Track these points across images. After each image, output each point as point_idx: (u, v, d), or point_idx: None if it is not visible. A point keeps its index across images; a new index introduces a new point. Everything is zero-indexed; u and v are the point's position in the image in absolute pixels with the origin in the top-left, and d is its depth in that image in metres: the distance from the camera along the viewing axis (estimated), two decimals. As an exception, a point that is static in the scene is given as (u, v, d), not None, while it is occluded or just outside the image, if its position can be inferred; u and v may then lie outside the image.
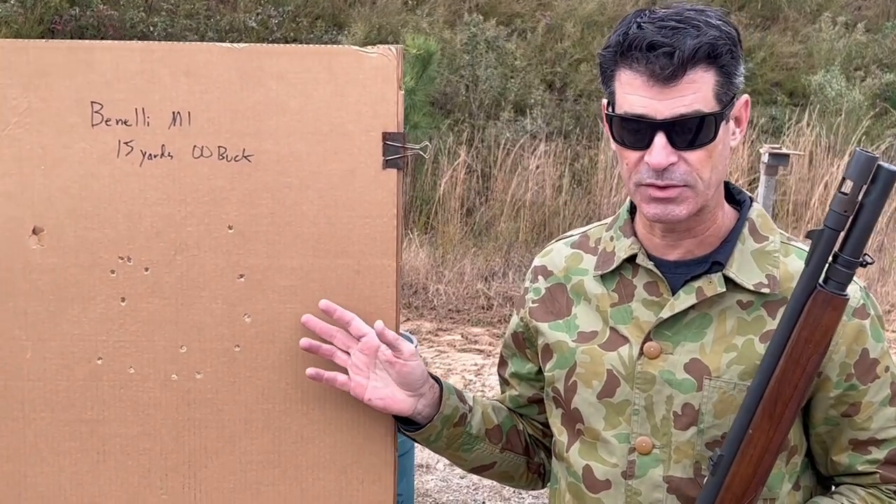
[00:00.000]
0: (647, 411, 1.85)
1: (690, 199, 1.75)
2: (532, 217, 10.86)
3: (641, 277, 1.88)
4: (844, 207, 1.57)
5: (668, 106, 1.70)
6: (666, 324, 1.84)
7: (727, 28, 1.73)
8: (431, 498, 5.49)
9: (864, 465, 1.85)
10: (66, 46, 2.04)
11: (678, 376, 1.82)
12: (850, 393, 1.82)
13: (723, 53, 1.70)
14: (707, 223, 1.84)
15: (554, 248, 2.07)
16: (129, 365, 2.12)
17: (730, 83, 1.73)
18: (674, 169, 1.73)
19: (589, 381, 1.90)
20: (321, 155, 2.08)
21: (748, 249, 1.84)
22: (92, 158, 2.06)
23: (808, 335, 1.63)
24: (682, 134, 1.71)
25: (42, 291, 2.09)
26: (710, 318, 1.83)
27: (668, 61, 1.67)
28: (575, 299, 1.96)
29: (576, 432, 1.94)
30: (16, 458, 2.13)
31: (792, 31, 15.08)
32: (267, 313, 2.11)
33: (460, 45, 12.79)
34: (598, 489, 1.90)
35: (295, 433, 2.15)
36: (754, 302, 1.83)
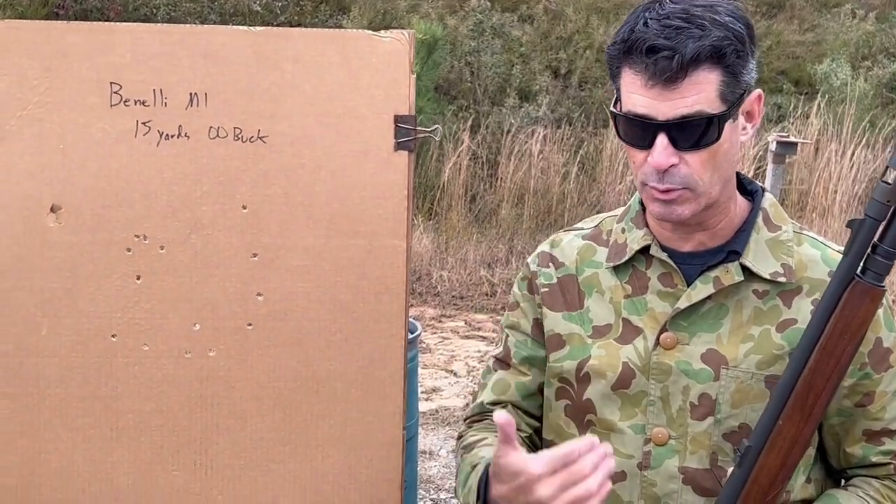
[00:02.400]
0: (663, 402, 1.83)
1: (692, 201, 1.75)
2: (536, 204, 10.87)
3: (655, 269, 1.87)
4: (888, 197, 1.54)
5: (670, 107, 1.68)
6: (682, 314, 1.83)
7: (735, 25, 1.70)
8: (434, 484, 5.51)
9: (878, 457, 1.84)
10: (86, 28, 2.08)
11: (695, 366, 1.81)
12: (864, 382, 1.81)
13: (728, 54, 1.67)
14: (718, 217, 1.82)
15: (564, 238, 2.04)
16: (143, 342, 2.15)
17: (736, 82, 1.70)
18: (674, 171, 1.72)
19: (603, 372, 1.88)
20: (334, 137, 2.11)
21: (763, 239, 1.83)
22: (110, 138, 2.09)
23: (843, 326, 1.61)
24: (685, 135, 1.69)
25: (58, 269, 2.12)
26: (726, 308, 1.82)
27: (668, 64, 1.65)
28: (587, 292, 1.94)
29: (585, 424, 1.92)
30: (30, 433, 2.16)
31: (798, 20, 15.06)
32: (279, 292, 2.14)
33: (466, 31, 12.79)
34: (614, 480, 1.81)
35: (305, 411, 2.18)
36: (770, 291, 1.82)
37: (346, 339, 2.16)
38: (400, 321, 2.16)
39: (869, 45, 14.06)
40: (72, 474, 2.17)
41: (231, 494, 2.19)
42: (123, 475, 2.18)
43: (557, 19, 13.97)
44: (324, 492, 2.19)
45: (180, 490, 2.19)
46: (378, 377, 2.17)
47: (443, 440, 6.05)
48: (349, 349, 2.16)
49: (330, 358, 2.16)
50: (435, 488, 5.46)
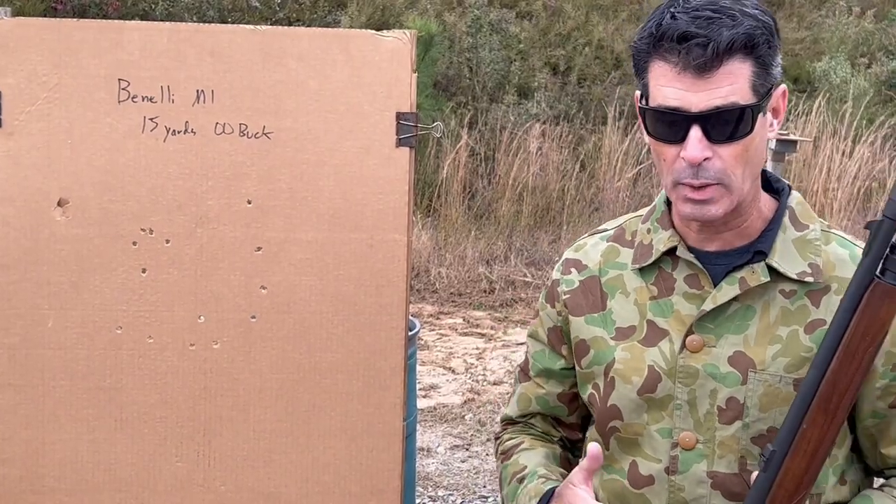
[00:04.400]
0: (690, 406, 1.80)
1: (725, 199, 1.71)
2: (535, 201, 10.87)
3: (682, 270, 1.83)
4: None
5: (704, 98, 1.64)
6: (708, 316, 1.79)
7: (764, 17, 1.67)
8: (432, 482, 5.51)
9: None
10: (96, 25, 2.11)
11: (722, 370, 1.78)
12: None
13: (760, 44, 1.64)
14: (745, 216, 1.79)
15: (588, 242, 1.99)
16: (148, 334, 2.18)
17: (767, 74, 1.67)
18: (708, 166, 1.67)
19: (629, 377, 1.84)
20: (337, 133, 2.15)
21: (790, 238, 1.80)
22: (118, 133, 2.13)
23: (865, 328, 1.58)
24: (718, 127, 1.66)
25: (65, 262, 2.15)
26: (753, 309, 1.79)
27: (702, 52, 1.62)
28: (610, 293, 1.90)
29: (608, 431, 1.89)
30: (35, 424, 2.20)
31: (798, 17, 15.07)
32: (283, 285, 2.18)
33: (464, 28, 12.80)
34: (641, 485, 1.85)
35: (307, 402, 2.21)
36: (797, 291, 1.78)
37: (348, 331, 2.19)
38: (401, 314, 2.19)
39: (868, 42, 14.07)
40: (76, 465, 2.20)
41: (234, 485, 2.22)
42: (127, 466, 2.21)
43: (556, 16, 13.97)
44: (325, 482, 2.22)
45: (183, 480, 2.22)
46: (379, 369, 2.20)
47: (441, 437, 6.07)
48: (351, 341, 2.19)
49: (332, 350, 2.19)
50: (433, 485, 5.47)
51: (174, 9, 11.80)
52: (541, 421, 2.06)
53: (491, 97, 12.37)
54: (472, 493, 5.41)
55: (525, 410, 2.05)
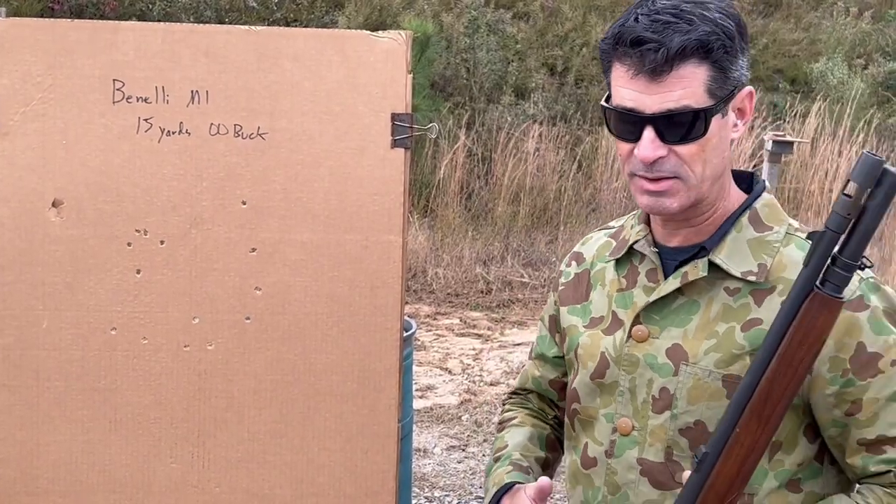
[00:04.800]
0: (631, 393, 1.86)
1: (682, 192, 1.76)
2: (532, 202, 10.88)
3: (645, 264, 1.89)
4: (847, 210, 1.53)
5: (657, 101, 1.70)
6: (655, 308, 1.85)
7: (725, 21, 1.71)
8: (429, 482, 5.51)
9: (878, 466, 1.78)
10: (90, 26, 2.11)
11: (659, 360, 1.83)
12: (849, 390, 1.77)
13: (715, 49, 1.68)
14: (706, 214, 1.83)
15: (593, 236, 2.07)
16: (142, 335, 2.18)
17: (724, 77, 1.71)
18: (663, 162, 1.73)
19: (586, 362, 1.91)
20: (333, 134, 2.14)
21: (744, 237, 1.83)
22: (112, 134, 2.13)
23: (802, 337, 1.60)
24: (671, 128, 1.71)
25: (60, 263, 2.15)
26: (698, 304, 1.83)
27: (654, 56, 1.67)
28: (594, 285, 1.98)
29: (571, 412, 1.97)
30: (29, 425, 2.19)
31: (795, 18, 15.08)
32: (277, 286, 2.17)
33: (461, 29, 12.80)
34: (588, 466, 1.92)
35: (301, 404, 2.21)
36: (741, 289, 1.81)
37: (343, 332, 2.19)
38: (395, 315, 2.19)
39: (865, 43, 14.09)
40: (70, 466, 2.20)
41: (228, 486, 2.22)
42: (121, 467, 2.21)
43: (554, 17, 13.98)
44: (319, 483, 2.22)
45: (178, 482, 2.22)
46: (374, 370, 2.20)
47: (437, 438, 6.07)
48: (345, 342, 2.19)
49: (326, 351, 2.19)
50: (429, 486, 5.47)
51: (171, 9, 11.80)
52: (537, 399, 2.15)
53: (488, 98, 12.37)
54: (469, 493, 5.41)
55: (523, 385, 2.16)
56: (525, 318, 8.27)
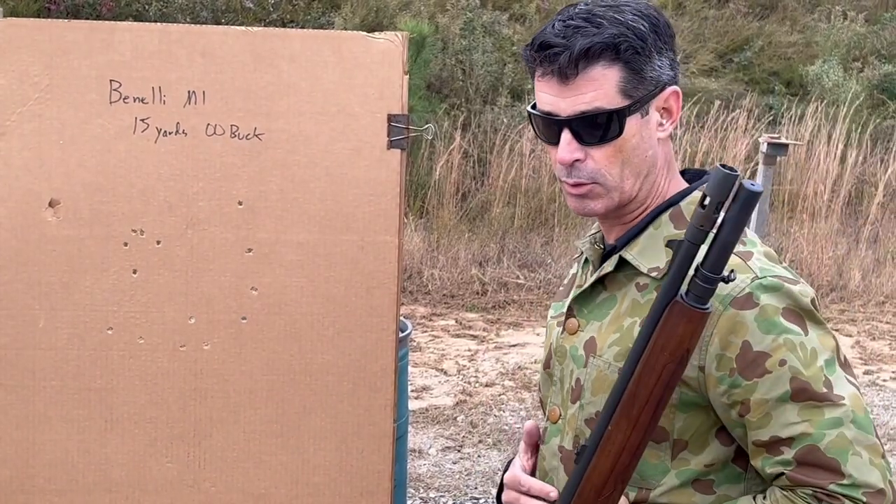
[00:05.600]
0: (561, 383, 1.91)
1: (604, 196, 1.79)
2: (528, 203, 10.88)
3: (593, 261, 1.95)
4: (701, 222, 1.56)
5: (570, 104, 1.74)
6: (585, 303, 1.90)
7: (637, 23, 1.74)
8: (424, 483, 5.52)
9: (774, 467, 1.73)
10: (87, 26, 2.12)
11: (578, 352, 1.87)
12: (736, 391, 1.73)
13: (623, 50, 1.71)
14: (635, 212, 1.85)
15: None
16: (138, 335, 2.18)
17: (639, 78, 1.74)
18: (581, 166, 1.76)
19: (541, 354, 2.00)
20: (329, 135, 2.15)
21: (661, 235, 1.83)
22: (109, 134, 2.13)
23: (663, 343, 1.63)
24: (586, 130, 1.75)
25: (56, 262, 2.15)
26: (615, 298, 1.87)
27: (559, 60, 1.71)
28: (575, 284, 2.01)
29: (541, 401, 2.02)
30: (25, 425, 2.20)
31: (790, 21, 15.09)
32: (273, 286, 2.18)
33: (457, 30, 12.80)
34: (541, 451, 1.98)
35: (297, 404, 2.22)
36: (649, 285, 1.82)
37: (339, 332, 2.19)
38: (391, 315, 2.20)
39: (860, 46, 14.11)
40: (66, 465, 2.20)
41: (224, 485, 2.22)
42: (117, 466, 2.21)
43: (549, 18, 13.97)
44: (315, 483, 2.23)
45: (174, 481, 2.22)
46: (369, 370, 2.21)
47: (433, 439, 6.07)
48: (341, 343, 2.20)
49: (322, 351, 2.20)
50: (424, 487, 5.47)
51: (168, 9, 11.79)
52: None
53: (484, 99, 12.37)
54: (464, 494, 5.42)
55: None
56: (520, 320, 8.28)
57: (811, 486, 1.70)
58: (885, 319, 8.88)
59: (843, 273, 9.78)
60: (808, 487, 1.70)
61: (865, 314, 9.00)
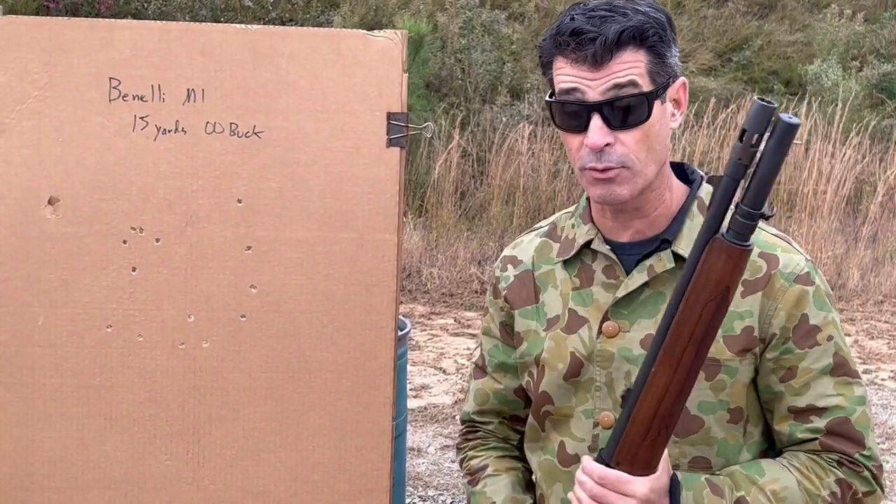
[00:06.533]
0: (608, 387, 1.89)
1: (630, 180, 1.80)
2: (526, 202, 10.89)
3: (600, 262, 1.92)
4: (740, 156, 1.55)
5: (601, 88, 1.76)
6: (622, 303, 1.88)
7: (656, 14, 1.79)
8: (423, 481, 5.52)
9: (804, 433, 1.85)
10: (87, 24, 2.12)
11: (635, 352, 1.86)
12: (787, 357, 1.84)
13: (650, 35, 1.76)
14: (654, 203, 1.87)
15: (524, 239, 2.09)
16: (137, 333, 2.19)
17: (662, 63, 1.78)
18: (610, 151, 1.77)
19: (554, 364, 1.93)
20: (328, 132, 2.15)
21: (696, 226, 1.85)
22: (108, 132, 2.13)
23: (703, 282, 1.62)
24: (617, 114, 1.76)
25: (55, 260, 2.16)
26: (664, 295, 1.86)
27: (593, 45, 1.74)
28: (542, 287, 2.00)
29: (542, 414, 1.98)
30: (24, 422, 2.20)
31: (790, 20, 15.10)
32: (273, 284, 2.18)
33: (456, 29, 12.81)
34: (569, 464, 1.93)
35: (296, 402, 2.22)
36: None
37: (338, 330, 2.20)
38: (390, 313, 2.20)
39: (859, 45, 14.11)
40: (65, 463, 2.21)
41: (223, 483, 2.23)
42: (116, 464, 2.22)
43: (548, 17, 13.99)
44: (314, 481, 2.23)
45: (172, 479, 2.22)
46: (368, 368, 2.21)
47: (431, 437, 6.07)
48: (340, 340, 2.20)
49: (321, 349, 2.20)
50: (423, 485, 5.48)
51: (167, 8, 11.79)
52: (499, 426, 2.12)
53: (483, 98, 12.38)
54: (463, 493, 5.42)
55: (483, 406, 2.11)
56: (519, 318, 8.26)
57: (839, 453, 1.84)
58: (884, 318, 8.89)
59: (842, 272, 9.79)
60: (835, 454, 1.84)
61: (864, 313, 9.01)
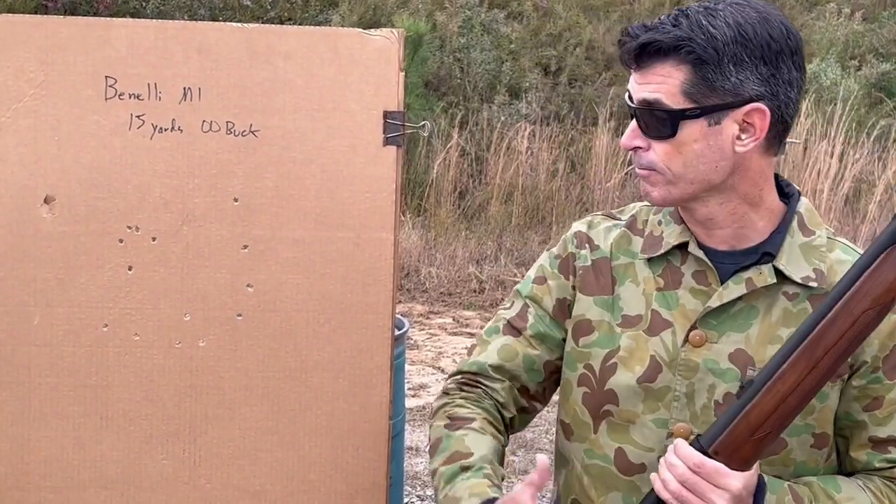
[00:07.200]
0: (688, 398, 1.83)
1: (661, 185, 1.78)
2: (525, 201, 10.88)
3: (690, 265, 1.86)
4: None
5: (639, 92, 1.75)
6: (712, 313, 1.82)
7: (721, 30, 1.70)
8: (421, 481, 5.52)
9: (882, 463, 1.83)
10: (83, 22, 2.12)
11: (722, 365, 1.81)
12: (874, 386, 1.80)
13: (691, 52, 1.69)
14: (729, 218, 1.82)
15: (602, 224, 2.01)
16: (134, 332, 2.18)
17: (707, 85, 1.70)
18: (642, 154, 1.77)
19: (631, 365, 1.86)
20: (325, 131, 2.15)
21: (797, 242, 1.82)
22: (104, 131, 2.13)
23: (869, 288, 1.58)
24: (645, 121, 1.75)
25: (52, 259, 2.15)
26: (756, 309, 1.81)
27: (627, 49, 1.74)
28: (619, 279, 1.92)
29: (602, 414, 1.90)
30: (20, 421, 2.19)
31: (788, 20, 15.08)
32: (269, 283, 2.18)
33: (455, 28, 12.81)
34: (633, 472, 1.87)
35: (293, 401, 2.21)
36: (800, 294, 1.81)
37: (334, 329, 2.19)
38: (387, 312, 2.20)
39: (857, 44, 14.11)
40: (61, 462, 2.20)
41: (219, 483, 2.22)
42: (112, 463, 2.21)
43: (547, 16, 13.98)
44: (310, 480, 2.22)
45: (169, 478, 2.22)
46: (365, 367, 2.21)
47: (429, 436, 6.06)
48: (337, 340, 2.19)
49: (318, 348, 2.20)
50: (421, 485, 5.47)
51: (165, 7, 11.78)
52: (509, 390, 2.00)
53: (482, 97, 12.38)
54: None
55: (504, 363, 2.00)
56: (518, 318, 8.26)
57: None
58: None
59: (841, 272, 9.76)
60: None
61: (862, 313, 8.99)
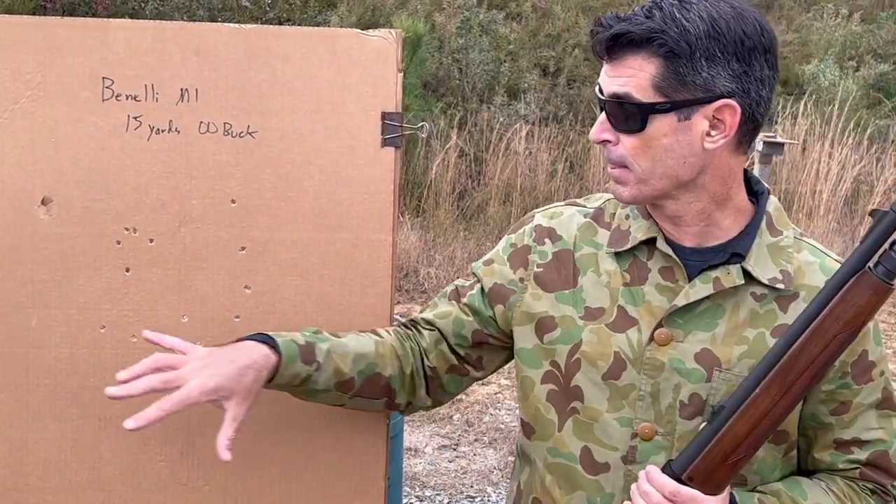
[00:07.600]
0: (653, 398, 1.82)
1: (630, 184, 1.77)
2: (524, 202, 10.89)
3: (657, 261, 1.85)
4: None
5: (608, 84, 1.73)
6: (678, 311, 1.81)
7: (694, 24, 1.67)
8: (419, 482, 5.52)
9: (845, 464, 1.84)
10: (81, 24, 2.11)
11: (688, 365, 1.80)
12: (842, 391, 1.81)
13: (663, 45, 1.67)
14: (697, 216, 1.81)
15: (565, 212, 2.01)
16: (131, 333, 2.18)
17: (679, 79, 1.68)
18: (612, 149, 1.76)
19: (594, 360, 1.86)
20: (323, 133, 2.14)
21: (764, 243, 1.82)
22: (102, 132, 2.12)
23: (840, 312, 1.59)
24: (613, 114, 1.74)
25: (49, 260, 2.15)
26: (723, 308, 1.81)
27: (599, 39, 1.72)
28: (582, 270, 1.91)
29: (568, 411, 1.90)
30: (18, 423, 2.18)
31: (787, 20, 15.11)
32: (267, 285, 2.17)
33: (454, 29, 12.81)
34: (598, 471, 1.87)
35: (290, 402, 2.20)
36: (767, 295, 1.81)
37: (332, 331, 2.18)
38: (385, 314, 2.19)
39: (856, 45, 14.12)
40: (59, 464, 2.19)
41: (217, 484, 2.22)
42: (110, 465, 2.21)
43: (546, 17, 14.00)
44: (308, 482, 2.22)
45: (167, 480, 2.21)
46: (363, 369, 2.20)
47: (428, 437, 6.08)
48: None
49: (316, 350, 2.19)
50: (420, 485, 5.48)
51: (164, 7, 11.79)
52: (434, 341, 2.05)
53: (480, 98, 12.39)
54: (460, 493, 5.42)
55: (438, 319, 2.05)
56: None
57: (874, 482, 1.85)
58: (881, 318, 8.89)
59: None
60: (871, 483, 1.85)
61: (861, 313, 9.01)
